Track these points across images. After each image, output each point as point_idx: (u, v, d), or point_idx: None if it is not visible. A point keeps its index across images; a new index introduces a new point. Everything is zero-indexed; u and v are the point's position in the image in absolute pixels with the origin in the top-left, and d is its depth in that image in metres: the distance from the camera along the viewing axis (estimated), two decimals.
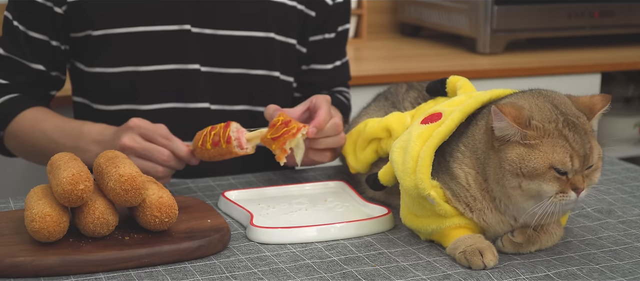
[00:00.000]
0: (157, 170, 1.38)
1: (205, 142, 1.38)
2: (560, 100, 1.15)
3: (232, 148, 1.37)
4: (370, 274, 1.10)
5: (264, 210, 1.32)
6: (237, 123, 1.39)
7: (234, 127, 1.38)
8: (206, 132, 1.39)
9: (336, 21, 1.73)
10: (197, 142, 1.39)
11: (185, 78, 1.60)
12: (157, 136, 1.39)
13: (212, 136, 1.37)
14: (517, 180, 1.10)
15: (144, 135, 1.39)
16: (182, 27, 1.58)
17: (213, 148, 1.38)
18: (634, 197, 1.43)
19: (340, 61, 1.78)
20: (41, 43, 1.59)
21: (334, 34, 1.73)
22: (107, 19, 1.56)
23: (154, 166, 1.38)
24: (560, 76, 2.64)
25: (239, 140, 1.37)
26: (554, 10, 2.83)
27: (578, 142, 1.10)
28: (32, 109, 1.58)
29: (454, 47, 2.90)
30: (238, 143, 1.37)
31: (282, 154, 1.38)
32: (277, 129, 1.38)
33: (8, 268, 1.08)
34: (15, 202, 1.36)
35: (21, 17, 1.59)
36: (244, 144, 1.38)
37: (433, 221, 1.19)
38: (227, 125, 1.38)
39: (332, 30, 1.73)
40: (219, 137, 1.37)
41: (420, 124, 1.22)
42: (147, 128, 1.39)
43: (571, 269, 1.12)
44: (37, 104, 1.60)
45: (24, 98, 1.60)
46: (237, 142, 1.37)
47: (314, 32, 1.71)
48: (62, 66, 1.64)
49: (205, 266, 1.12)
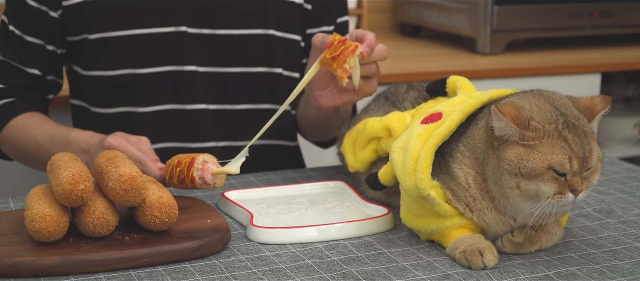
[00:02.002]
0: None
1: (171, 177, 1.33)
2: (560, 101, 1.15)
3: (196, 187, 1.32)
4: (370, 274, 1.10)
5: (264, 210, 1.32)
6: (204, 156, 1.32)
7: (198, 164, 1.31)
8: (173, 165, 1.33)
9: (333, 13, 1.73)
10: (166, 173, 1.34)
11: (184, 79, 1.60)
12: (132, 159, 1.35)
13: (178, 173, 1.32)
14: (515, 180, 1.10)
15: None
16: (179, 29, 1.58)
17: (179, 185, 1.33)
18: (634, 197, 1.43)
19: None
20: (37, 47, 1.59)
21: (333, 26, 1.73)
22: (103, 22, 1.56)
23: None
24: (560, 76, 2.63)
25: (203, 178, 1.31)
26: (554, 10, 2.83)
27: (577, 144, 1.10)
28: (25, 115, 1.57)
29: (454, 47, 2.90)
30: (203, 181, 1.31)
31: (344, 74, 1.30)
32: (335, 48, 1.31)
33: (8, 268, 1.08)
34: (15, 202, 1.36)
35: (17, 21, 1.59)
36: (209, 180, 1.31)
37: (433, 222, 1.19)
38: (191, 162, 1.31)
39: (330, 22, 1.72)
40: (184, 175, 1.32)
41: (420, 124, 1.22)
42: (121, 149, 1.36)
43: (571, 269, 1.12)
44: (32, 109, 1.60)
45: (19, 103, 1.59)
46: (201, 180, 1.31)
47: (311, 25, 1.70)
48: (58, 70, 1.64)
49: (205, 266, 1.12)
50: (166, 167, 1.35)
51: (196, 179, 1.31)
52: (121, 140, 1.39)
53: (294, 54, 1.68)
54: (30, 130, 1.55)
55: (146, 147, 1.39)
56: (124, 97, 1.60)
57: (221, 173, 1.32)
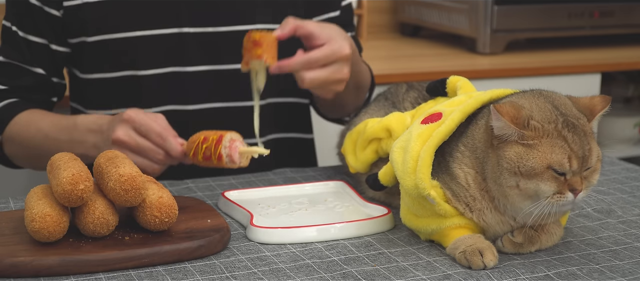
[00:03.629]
0: (153, 169, 1.38)
1: (196, 153, 1.34)
2: (560, 101, 1.15)
3: (223, 165, 1.33)
4: (370, 274, 1.10)
5: (264, 210, 1.32)
6: (232, 135, 1.33)
7: (226, 142, 1.32)
8: (199, 142, 1.34)
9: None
10: (190, 149, 1.35)
11: (186, 80, 1.60)
12: (152, 133, 1.37)
13: (204, 149, 1.32)
14: (514, 179, 1.10)
15: (138, 130, 1.37)
16: (181, 30, 1.58)
17: (204, 162, 1.34)
18: (634, 197, 1.43)
19: (350, 34, 1.76)
20: (41, 47, 1.58)
21: (339, 11, 1.73)
22: (105, 24, 1.56)
23: (149, 164, 1.37)
24: (560, 76, 2.63)
25: (231, 156, 1.32)
26: (554, 10, 2.83)
27: (577, 143, 1.10)
28: (28, 111, 1.56)
29: (454, 47, 2.90)
30: (230, 159, 1.32)
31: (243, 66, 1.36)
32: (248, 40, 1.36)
33: (8, 268, 1.08)
34: (15, 202, 1.36)
35: (19, 21, 1.58)
36: (236, 159, 1.32)
37: (433, 221, 1.19)
38: (219, 139, 1.32)
39: (336, 8, 1.72)
40: (211, 152, 1.32)
41: (420, 124, 1.22)
42: (141, 123, 1.37)
43: (571, 269, 1.12)
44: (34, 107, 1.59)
45: (22, 102, 1.58)
46: (228, 158, 1.32)
47: (318, 13, 1.69)
48: (62, 72, 1.64)
49: (205, 266, 1.12)
50: (190, 143, 1.35)
51: (224, 157, 1.31)
52: (141, 113, 1.38)
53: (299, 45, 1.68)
54: (35, 123, 1.53)
55: (164, 123, 1.39)
56: (125, 99, 1.59)
57: (248, 153, 1.33)
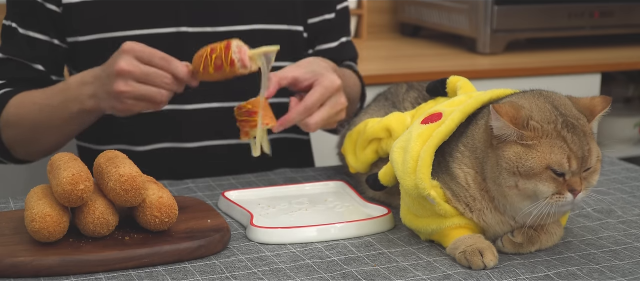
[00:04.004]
0: (161, 95, 1.36)
1: (206, 65, 1.33)
2: (560, 101, 1.15)
3: (236, 71, 1.33)
4: (370, 274, 1.10)
5: (264, 210, 1.32)
6: (237, 41, 1.34)
7: (234, 47, 1.33)
8: (206, 54, 1.33)
9: (333, 1, 1.72)
10: (198, 65, 1.34)
11: None
12: (155, 58, 1.35)
13: (214, 59, 1.32)
14: (513, 178, 1.10)
15: (141, 58, 1.35)
16: (180, 29, 1.58)
17: (216, 72, 1.34)
18: (634, 197, 1.43)
19: (346, 38, 1.77)
20: (42, 43, 1.58)
21: (334, 13, 1.73)
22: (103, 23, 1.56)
23: (157, 90, 1.35)
24: (560, 76, 2.64)
25: (242, 60, 1.33)
26: (554, 10, 2.83)
27: (576, 144, 1.10)
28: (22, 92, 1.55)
29: (454, 47, 2.90)
30: (242, 64, 1.33)
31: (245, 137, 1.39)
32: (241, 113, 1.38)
33: (8, 268, 1.08)
34: (15, 202, 1.36)
35: (21, 19, 1.58)
36: (247, 63, 1.34)
37: (433, 221, 1.19)
38: (227, 46, 1.33)
39: (331, 10, 1.72)
40: (221, 60, 1.32)
41: (420, 124, 1.22)
42: (143, 50, 1.35)
43: (571, 269, 1.12)
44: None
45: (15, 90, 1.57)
46: (240, 62, 1.33)
47: (312, 15, 1.70)
48: (62, 70, 1.64)
49: (205, 266, 1.12)
50: (197, 59, 1.35)
51: (236, 62, 1.32)
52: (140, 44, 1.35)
53: (297, 45, 1.68)
54: (29, 99, 1.52)
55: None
56: None
57: (258, 55, 1.34)
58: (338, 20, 1.73)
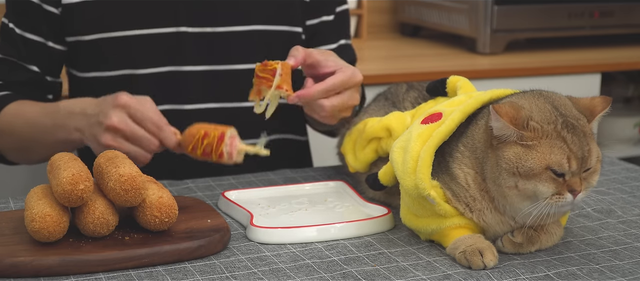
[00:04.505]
0: (145, 157, 1.36)
1: (195, 148, 1.34)
2: (560, 101, 1.15)
3: (223, 161, 1.34)
4: (370, 274, 1.10)
5: (264, 210, 1.32)
6: (231, 131, 1.34)
7: (227, 140, 1.33)
8: (199, 137, 1.34)
9: (333, 3, 1.72)
10: (188, 143, 1.35)
11: (182, 80, 1.60)
12: (148, 122, 1.35)
13: (204, 145, 1.33)
14: (513, 179, 1.10)
15: (134, 117, 1.35)
16: (179, 29, 1.58)
17: (202, 156, 1.34)
18: (634, 197, 1.43)
19: (345, 40, 1.76)
20: (37, 45, 1.58)
21: (333, 15, 1.73)
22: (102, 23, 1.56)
23: (142, 152, 1.35)
24: (560, 76, 2.64)
25: (231, 154, 1.33)
26: (554, 10, 2.83)
27: (576, 144, 1.10)
28: (17, 102, 1.55)
29: (454, 47, 2.90)
30: (229, 157, 1.33)
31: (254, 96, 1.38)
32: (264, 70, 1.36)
33: (8, 268, 1.08)
34: (15, 202, 1.36)
35: (18, 19, 1.58)
36: (234, 157, 1.34)
37: (433, 221, 1.19)
38: (221, 138, 1.33)
39: (330, 12, 1.72)
40: (211, 149, 1.33)
41: (420, 124, 1.22)
42: (137, 110, 1.35)
43: (571, 269, 1.12)
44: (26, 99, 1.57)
45: (13, 95, 1.57)
46: (228, 155, 1.33)
47: (310, 16, 1.70)
48: (57, 71, 1.63)
49: (205, 266, 1.12)
50: (189, 137, 1.35)
51: (224, 155, 1.32)
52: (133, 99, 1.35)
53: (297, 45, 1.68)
54: (22, 114, 1.52)
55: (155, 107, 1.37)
56: None
57: (246, 151, 1.34)
58: (337, 22, 1.73)
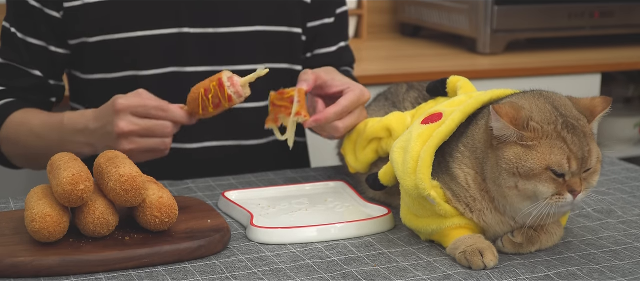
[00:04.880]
0: (165, 144, 1.38)
1: (205, 106, 1.37)
2: (560, 101, 1.15)
3: (234, 103, 1.38)
4: (370, 274, 1.10)
5: (264, 210, 1.32)
6: (226, 74, 1.37)
7: (226, 82, 1.36)
8: (201, 96, 1.37)
9: (333, 5, 1.72)
10: (196, 107, 1.38)
11: (185, 80, 1.60)
12: (151, 110, 1.37)
13: (211, 99, 1.36)
14: (513, 179, 1.10)
15: (137, 113, 1.37)
16: (181, 30, 1.58)
17: (215, 110, 1.38)
18: (634, 197, 1.43)
19: (344, 42, 1.77)
20: (39, 49, 1.58)
21: (333, 17, 1.73)
22: (105, 25, 1.56)
23: (161, 140, 1.38)
24: (560, 76, 2.64)
25: (237, 92, 1.37)
26: (554, 10, 2.83)
27: (576, 144, 1.10)
28: (22, 110, 1.55)
29: (454, 47, 2.90)
30: (237, 95, 1.37)
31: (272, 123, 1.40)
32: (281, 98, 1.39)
33: (8, 268, 1.08)
34: (15, 202, 1.36)
35: (19, 23, 1.58)
36: (242, 92, 1.38)
37: (433, 221, 1.19)
38: (220, 83, 1.36)
39: (330, 14, 1.72)
40: (219, 98, 1.36)
41: (420, 124, 1.22)
42: (137, 105, 1.37)
43: (571, 269, 1.12)
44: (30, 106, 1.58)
45: (17, 102, 1.58)
46: (236, 94, 1.37)
47: (312, 18, 1.70)
48: (60, 74, 1.63)
49: (205, 266, 1.12)
50: (192, 102, 1.38)
51: (233, 96, 1.36)
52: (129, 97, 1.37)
53: (295, 47, 1.68)
54: (27, 123, 1.53)
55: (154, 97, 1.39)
56: None
57: (249, 80, 1.38)
58: (337, 24, 1.74)
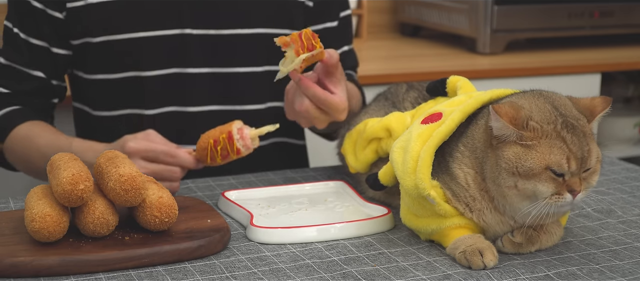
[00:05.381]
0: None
1: (214, 157, 1.39)
2: (560, 101, 1.15)
3: (243, 155, 1.40)
4: (370, 274, 1.10)
5: (264, 210, 1.32)
6: (237, 125, 1.40)
7: (236, 135, 1.38)
8: (210, 147, 1.39)
9: (336, 8, 1.72)
10: (204, 157, 1.40)
11: (187, 81, 1.60)
12: (161, 155, 1.38)
13: (220, 151, 1.39)
14: (513, 179, 1.10)
15: (148, 158, 1.38)
16: (183, 31, 1.58)
17: (223, 160, 1.40)
18: (634, 197, 1.43)
19: (348, 46, 1.76)
20: (41, 50, 1.58)
21: (337, 21, 1.73)
22: (108, 26, 1.56)
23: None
24: (560, 76, 2.64)
25: (246, 145, 1.39)
26: (554, 10, 2.83)
27: (576, 144, 1.10)
28: (27, 124, 1.56)
29: (454, 47, 2.90)
30: (246, 148, 1.40)
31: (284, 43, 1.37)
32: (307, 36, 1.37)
33: (8, 268, 1.08)
34: (15, 202, 1.36)
35: (21, 24, 1.58)
36: (250, 145, 1.40)
37: (433, 221, 1.19)
38: (230, 137, 1.38)
39: (333, 18, 1.72)
40: (227, 151, 1.39)
41: (420, 124, 1.22)
42: (147, 150, 1.38)
43: (571, 269, 1.12)
44: (35, 117, 1.58)
45: (22, 112, 1.58)
46: (244, 148, 1.39)
47: (314, 22, 1.70)
48: (62, 75, 1.63)
49: (205, 266, 1.12)
50: (201, 151, 1.40)
51: (241, 149, 1.39)
52: (138, 140, 1.38)
53: None
54: (34, 140, 1.53)
55: (161, 138, 1.41)
56: (128, 99, 1.59)
57: (259, 134, 1.40)
58: (341, 28, 1.73)
